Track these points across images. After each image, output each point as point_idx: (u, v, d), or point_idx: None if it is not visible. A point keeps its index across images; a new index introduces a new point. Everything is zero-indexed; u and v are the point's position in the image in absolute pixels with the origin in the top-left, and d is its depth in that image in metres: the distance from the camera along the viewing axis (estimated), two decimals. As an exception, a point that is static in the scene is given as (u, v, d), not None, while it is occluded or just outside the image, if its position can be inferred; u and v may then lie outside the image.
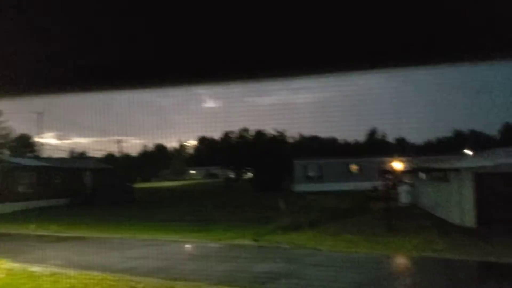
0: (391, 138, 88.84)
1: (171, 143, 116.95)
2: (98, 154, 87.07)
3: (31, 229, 19.94)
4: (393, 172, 34.90)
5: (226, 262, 11.78)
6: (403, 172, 32.86)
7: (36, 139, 63.83)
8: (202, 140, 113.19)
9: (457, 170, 17.72)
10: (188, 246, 15.21)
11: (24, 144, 67.12)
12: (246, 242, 15.01)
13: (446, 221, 18.30)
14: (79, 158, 69.52)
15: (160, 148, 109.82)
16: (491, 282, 9.40)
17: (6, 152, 56.70)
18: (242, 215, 23.16)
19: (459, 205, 17.34)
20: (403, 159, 38.67)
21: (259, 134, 57.75)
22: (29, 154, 56.60)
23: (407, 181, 30.75)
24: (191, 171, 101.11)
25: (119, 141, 64.66)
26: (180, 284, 9.11)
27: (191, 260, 12.61)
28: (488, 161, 18.60)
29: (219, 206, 28.97)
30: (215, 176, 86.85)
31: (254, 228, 17.85)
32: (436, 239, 14.10)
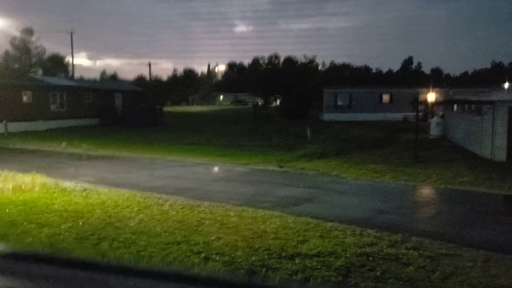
0: (426, 68, 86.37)
1: (201, 68, 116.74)
2: (130, 76, 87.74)
3: (63, 147, 20.59)
4: (425, 103, 34.14)
5: (251, 186, 11.98)
6: (435, 104, 32.08)
7: (69, 59, 64.43)
8: (232, 66, 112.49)
9: (491, 102, 17.14)
10: (214, 168, 15.49)
11: (57, 64, 68.04)
12: (271, 167, 15.18)
13: (476, 155, 18.01)
14: (110, 79, 70.26)
15: (190, 73, 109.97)
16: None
17: (39, 71, 57.54)
18: (269, 142, 23.32)
19: (490, 138, 16.94)
20: (437, 90, 37.63)
21: (289, 60, 56.75)
22: (62, 74, 57.40)
23: (439, 113, 30.08)
24: (220, 97, 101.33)
25: (150, 64, 64.74)
26: (205, 204, 9.34)
27: (217, 181, 12.87)
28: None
29: (246, 132, 29.16)
30: (243, 102, 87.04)
31: (280, 154, 18.00)
32: (464, 172, 13.95)
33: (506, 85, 43.90)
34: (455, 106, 25.58)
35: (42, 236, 7.06)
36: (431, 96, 30.47)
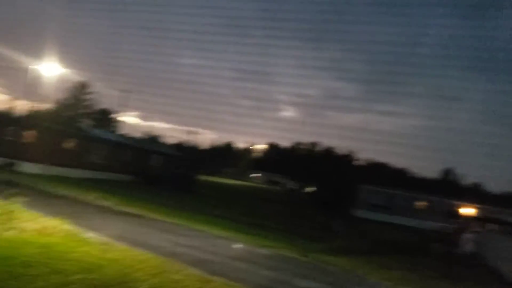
0: (467, 181, 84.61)
1: (241, 144, 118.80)
2: (171, 140, 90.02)
3: (94, 198, 20.80)
4: (461, 217, 33.10)
5: (270, 270, 11.59)
6: (471, 219, 31.05)
7: (118, 115, 67.09)
8: (272, 146, 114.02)
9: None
10: (236, 245, 15.17)
11: (105, 118, 70.84)
12: (294, 255, 14.74)
13: (506, 279, 17.00)
14: (151, 140, 72.22)
15: (229, 146, 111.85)
16: None
17: (87, 122, 59.87)
18: (297, 228, 22.87)
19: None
20: (475, 205, 36.57)
21: (329, 151, 57.11)
22: (107, 128, 59.45)
23: (473, 229, 29.05)
24: (254, 174, 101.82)
25: (193, 132, 66.25)
26: (219, 281, 9.04)
27: (236, 260, 12.53)
28: None
29: (276, 214, 28.82)
30: (276, 183, 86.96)
31: (306, 243, 17.54)
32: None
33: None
34: (493, 224, 24.66)
35: (52, 282, 6.95)
36: (469, 211, 29.58)
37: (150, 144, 54.55)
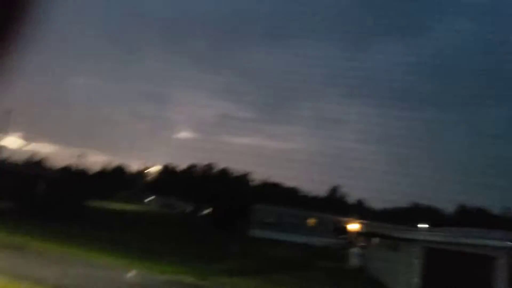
0: (352, 198, 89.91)
1: (134, 166, 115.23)
2: (58, 164, 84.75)
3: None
4: (347, 232, 35.19)
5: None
6: (357, 234, 33.12)
7: (-4, 137, 61.91)
8: (166, 169, 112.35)
9: (409, 240, 17.98)
10: (130, 274, 14.75)
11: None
12: (190, 279, 14.69)
13: (390, 290, 18.40)
14: (36, 164, 67.58)
15: (121, 169, 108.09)
16: None
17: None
18: (191, 251, 22.74)
19: (405, 276, 17.48)
20: (360, 221, 39.09)
21: (224, 172, 57.84)
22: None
23: (359, 243, 30.99)
24: (148, 198, 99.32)
25: (81, 155, 63.34)
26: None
27: (130, 288, 12.21)
28: (439, 237, 18.99)
29: (170, 238, 28.38)
30: (172, 206, 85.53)
31: (201, 267, 17.51)
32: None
33: (423, 226, 46.33)
34: (376, 239, 26.52)
35: None
36: (353, 227, 31.57)
37: (34, 168, 51.11)
